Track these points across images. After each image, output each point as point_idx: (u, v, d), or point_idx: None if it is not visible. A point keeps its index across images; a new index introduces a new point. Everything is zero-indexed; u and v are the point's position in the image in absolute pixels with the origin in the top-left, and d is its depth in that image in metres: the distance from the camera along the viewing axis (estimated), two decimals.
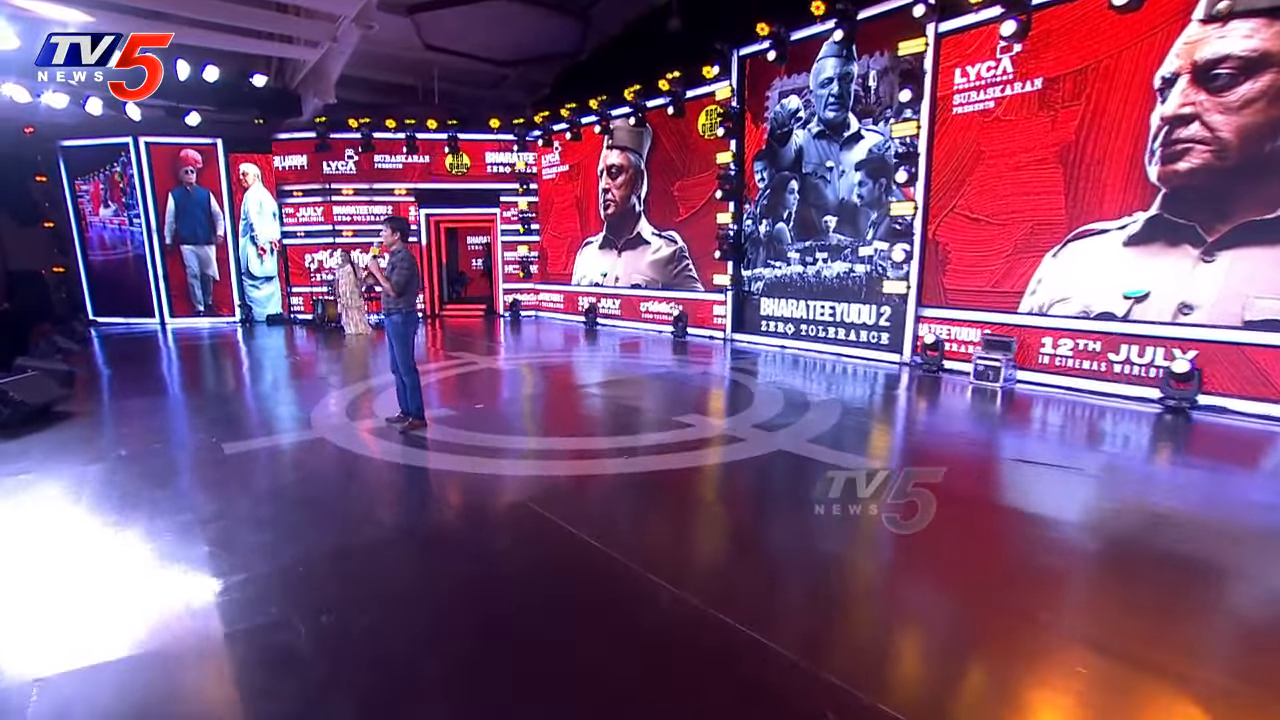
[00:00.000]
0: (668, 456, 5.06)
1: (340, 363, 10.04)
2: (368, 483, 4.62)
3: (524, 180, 15.16)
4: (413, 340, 5.69)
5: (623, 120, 13.02)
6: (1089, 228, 7.46)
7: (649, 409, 6.89)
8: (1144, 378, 7.07)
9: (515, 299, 15.40)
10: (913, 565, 3.40)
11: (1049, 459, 5.16)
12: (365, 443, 5.39)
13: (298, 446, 5.29)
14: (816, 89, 10.10)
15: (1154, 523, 3.85)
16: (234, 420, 6.27)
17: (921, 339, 8.71)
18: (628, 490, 4.47)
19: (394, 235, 5.62)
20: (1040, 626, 2.76)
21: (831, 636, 2.80)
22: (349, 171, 14.60)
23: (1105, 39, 7.12)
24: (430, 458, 5.02)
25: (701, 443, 5.40)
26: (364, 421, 6.02)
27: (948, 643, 2.73)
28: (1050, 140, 7.66)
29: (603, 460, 4.94)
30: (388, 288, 5.52)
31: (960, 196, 8.54)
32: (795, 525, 3.94)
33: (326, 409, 6.50)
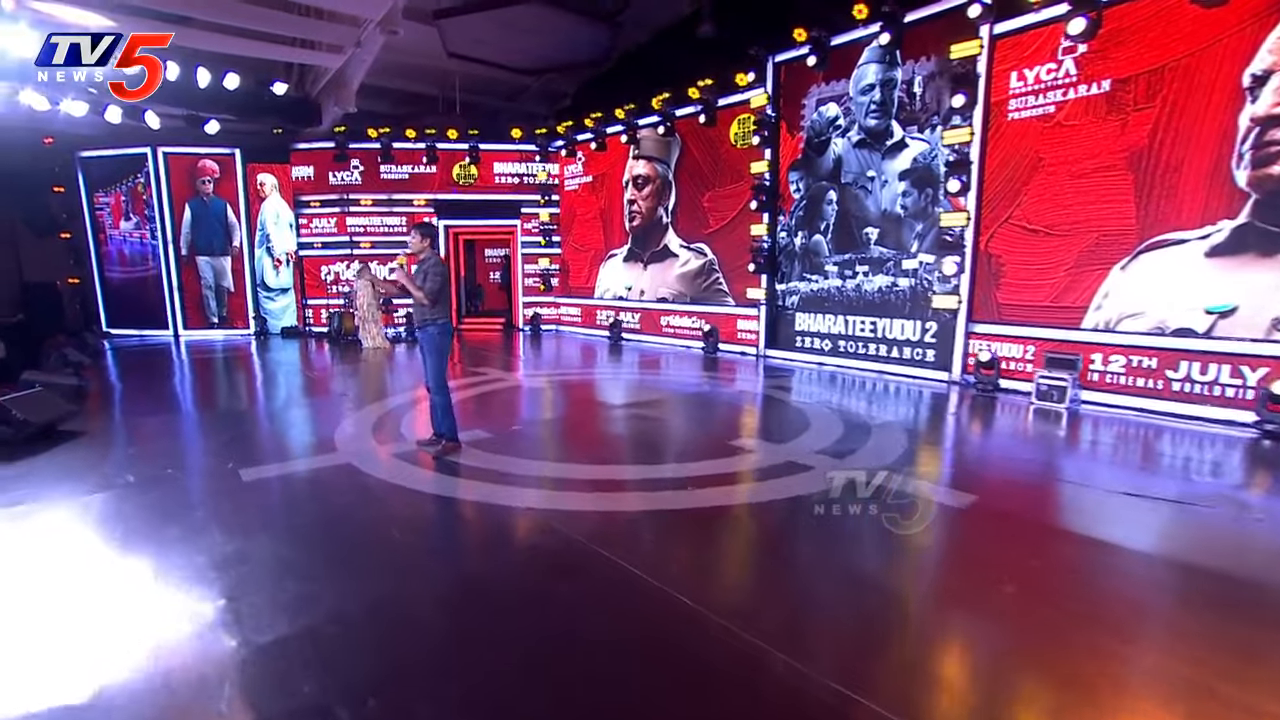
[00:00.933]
0: (734, 488, 4.51)
1: (359, 378, 9.55)
2: (404, 518, 4.09)
3: (546, 191, 14.75)
4: (448, 353, 5.20)
5: (650, 130, 12.61)
6: (1164, 238, 6.91)
7: (699, 432, 6.35)
8: (1233, 399, 6.48)
9: (536, 313, 14.93)
10: (1036, 617, 2.83)
11: (1158, 492, 4.58)
12: (395, 469, 4.87)
13: (322, 473, 4.77)
14: (857, 96, 9.64)
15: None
16: (251, 442, 5.77)
17: (975, 356, 8.14)
18: (700, 528, 3.92)
19: (423, 241, 5.15)
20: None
21: None
22: (354, 182, 14.17)
23: (1185, 36, 6.62)
24: (468, 487, 4.49)
25: (767, 471, 4.85)
26: (391, 445, 5.50)
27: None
28: (1119, 145, 7.13)
29: (663, 492, 4.40)
30: (420, 296, 5.04)
31: (1016, 206, 8.01)
32: (898, 570, 3.38)
33: (350, 430, 5.99)
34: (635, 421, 6.78)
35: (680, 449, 5.63)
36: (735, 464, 4.99)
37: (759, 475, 4.76)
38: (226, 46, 10.18)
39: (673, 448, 5.65)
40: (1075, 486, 4.80)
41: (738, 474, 4.78)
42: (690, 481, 4.52)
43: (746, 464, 4.99)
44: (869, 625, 2.87)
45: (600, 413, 7.19)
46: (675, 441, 5.91)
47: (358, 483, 4.57)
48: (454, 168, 14.43)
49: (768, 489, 4.50)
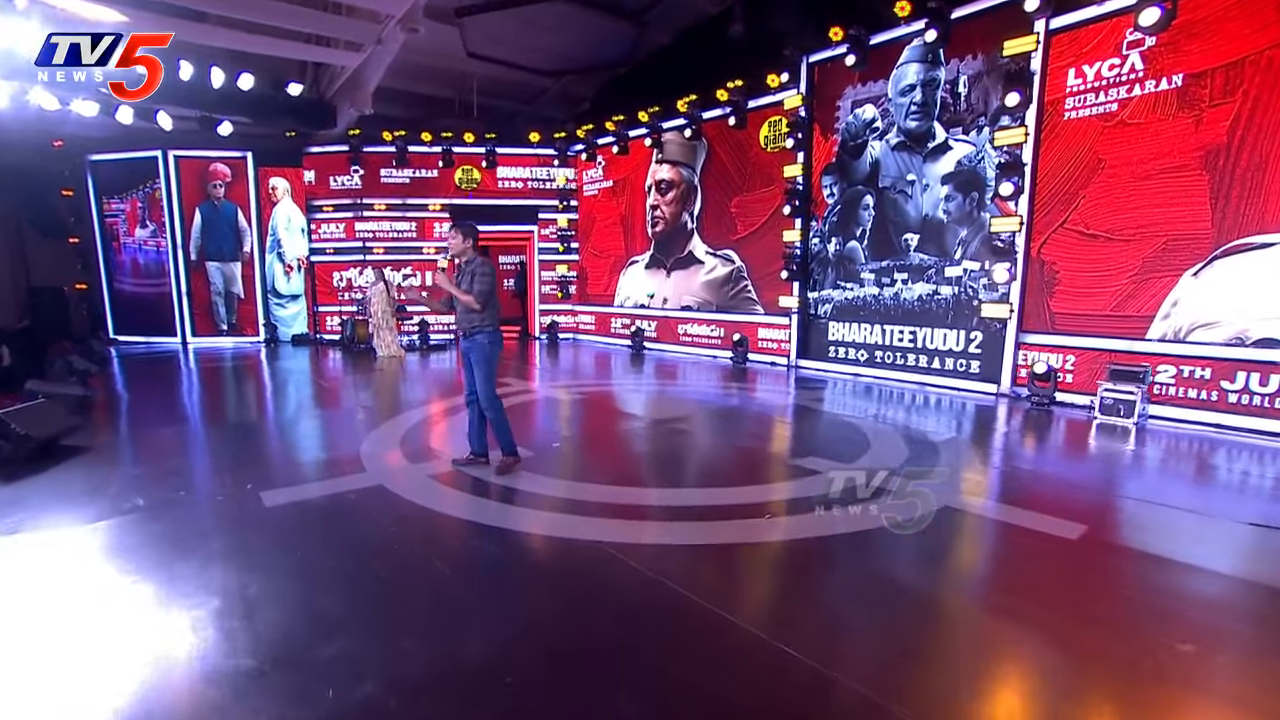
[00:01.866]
0: (815, 515, 4.01)
1: (377, 388, 9.06)
2: (454, 553, 3.58)
3: (564, 196, 14.31)
4: (497, 364, 4.71)
5: (674, 133, 12.17)
6: (1244, 242, 6.42)
7: (755, 449, 5.84)
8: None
9: (553, 321, 14.44)
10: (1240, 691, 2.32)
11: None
12: (432, 492, 4.37)
13: (352, 497, 4.27)
14: (896, 97, 9.19)
15: None
16: (271, 460, 5.27)
17: (1030, 368, 7.64)
18: (800, 565, 3.41)
19: (464, 241, 4.66)
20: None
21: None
22: (355, 186, 13.68)
23: (1269, 26, 6.16)
24: (522, 515, 3.98)
25: (845, 496, 4.34)
26: (424, 463, 5.00)
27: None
28: (1192, 144, 6.66)
29: (741, 522, 3.88)
30: (469, 301, 4.55)
31: (1072, 210, 7.54)
32: (1052, 619, 2.87)
33: (375, 445, 5.48)
34: (684, 437, 6.28)
35: (741, 469, 5.10)
36: (806, 487, 4.49)
37: (838, 500, 4.25)
38: (242, 44, 9.76)
39: (733, 468, 5.13)
40: (1194, 515, 4.28)
41: (813, 498, 4.27)
42: (767, 509, 4.01)
43: (817, 487, 4.48)
44: (1062, 710, 2.36)
45: (643, 428, 6.65)
46: (732, 461, 5.39)
47: (393, 509, 4.06)
48: (456, 172, 13.91)
49: (853, 517, 3.99)
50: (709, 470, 5.18)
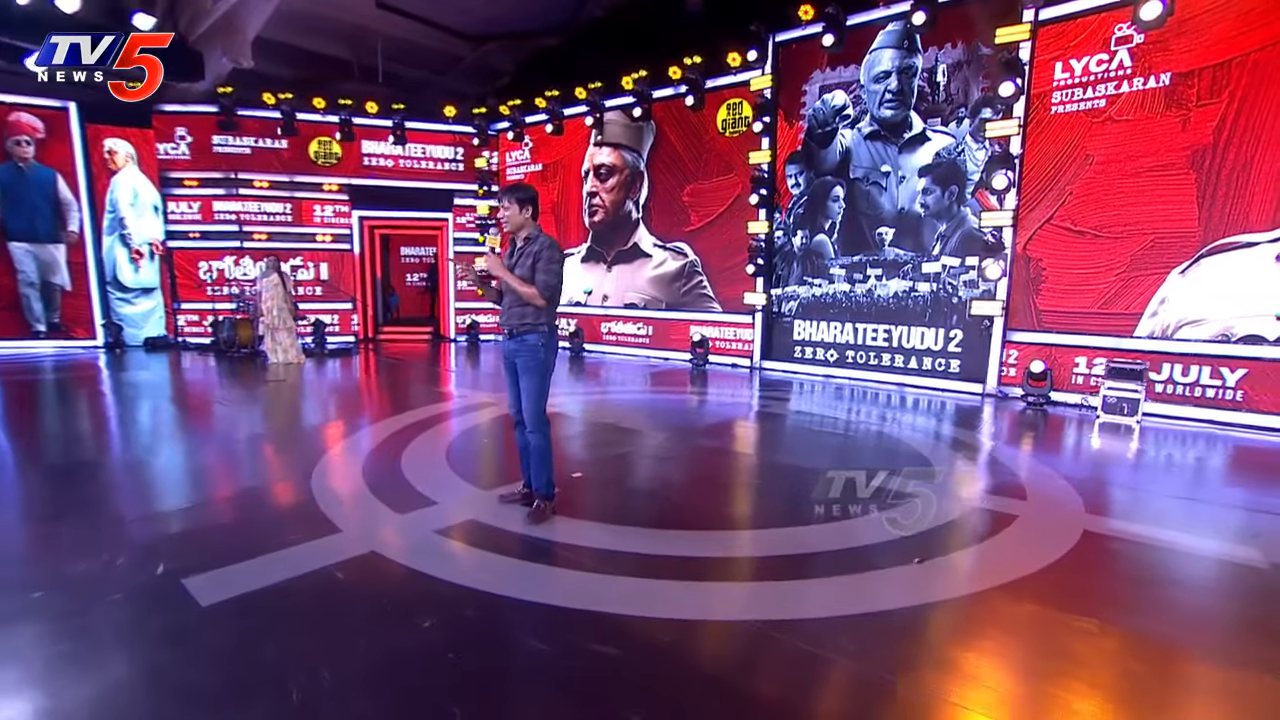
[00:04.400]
0: (970, 554, 3.25)
1: (289, 406, 7.25)
2: (566, 671, 2.40)
3: (484, 180, 12.80)
4: (551, 375, 3.53)
5: (618, 113, 11.18)
6: (1230, 240, 6.60)
7: (815, 470, 4.99)
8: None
9: (474, 321, 12.87)
10: None
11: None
12: (462, 560, 3.10)
13: (339, 575, 2.91)
14: (869, 84, 8.85)
15: None
16: (180, 522, 3.65)
17: (1026, 367, 7.52)
18: (1014, 633, 2.60)
19: (523, 212, 3.47)
20: None
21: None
22: (181, 156, 11.33)
23: (1256, 29, 6.33)
24: (615, 587, 2.85)
25: (985, 529, 3.64)
26: (419, 512, 3.67)
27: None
28: (1180, 143, 6.77)
29: (887, 573, 3.03)
30: (531, 293, 3.36)
31: (1060, 206, 7.51)
32: None
33: (335, 489, 4.04)
34: (717, 457, 5.33)
35: (820, 497, 4.23)
36: (932, 517, 3.73)
37: (977, 534, 3.54)
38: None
39: (808, 496, 4.24)
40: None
41: (950, 534, 3.52)
42: (917, 555, 3.19)
43: (934, 515, 3.75)
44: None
45: (665, 447, 5.49)
46: (798, 486, 4.50)
47: (412, 592, 2.77)
48: (312, 144, 11.86)
49: (1011, 552, 3.28)
50: (784, 499, 4.28)
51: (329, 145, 11.86)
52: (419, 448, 5.01)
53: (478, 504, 3.79)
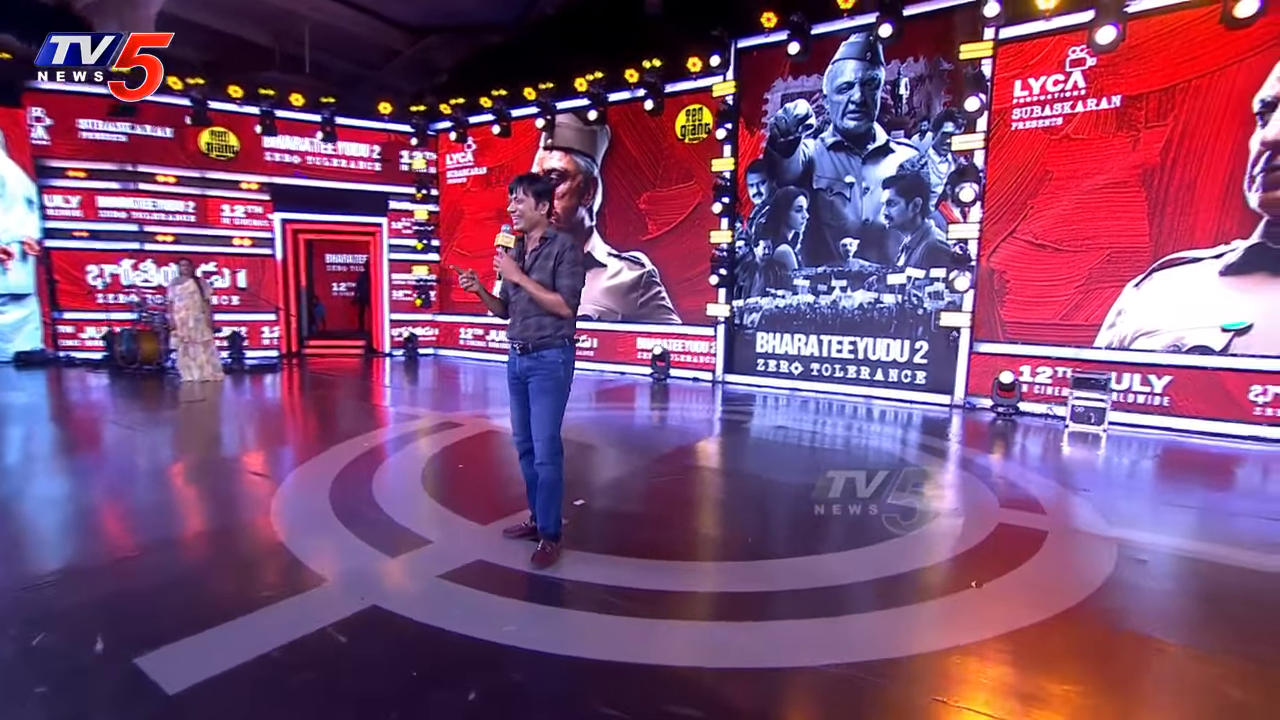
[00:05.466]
0: (1027, 576, 3.15)
1: (214, 428, 6.46)
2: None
3: (423, 183, 12.18)
4: (568, 397, 3.18)
5: (569, 116, 10.92)
6: (1178, 256, 7.07)
7: (807, 485, 4.86)
8: (1254, 415, 6.69)
9: (412, 334, 12.14)
10: None
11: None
12: (487, 610, 2.71)
13: (341, 638, 2.45)
14: (832, 94, 9.01)
15: None
16: (118, 581, 3.00)
17: (996, 379, 7.76)
18: (1103, 653, 2.49)
19: (539, 207, 3.11)
20: None
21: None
22: (40, 141, 9.96)
23: (1197, 58, 6.83)
24: (675, 636, 2.54)
25: (1017, 549, 3.57)
26: (414, 553, 3.23)
27: None
28: (1131, 162, 7.21)
29: (948, 601, 2.88)
30: (553, 301, 3.01)
31: (1021, 220, 7.85)
32: None
33: (308, 531, 3.51)
34: (714, 478, 5.10)
35: (835, 520, 4.07)
36: (977, 540, 3.64)
37: (1017, 553, 3.47)
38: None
39: (824, 518, 4.07)
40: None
41: (992, 553, 3.44)
42: (975, 579, 3.07)
43: (963, 534, 3.67)
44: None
45: (655, 469, 5.14)
46: (807, 508, 4.34)
47: (431, 653, 2.36)
48: (203, 135, 10.71)
49: (1075, 578, 3.21)
50: (786, 525, 4.11)
51: (224, 138, 10.82)
52: (389, 475, 4.51)
53: (479, 541, 3.39)
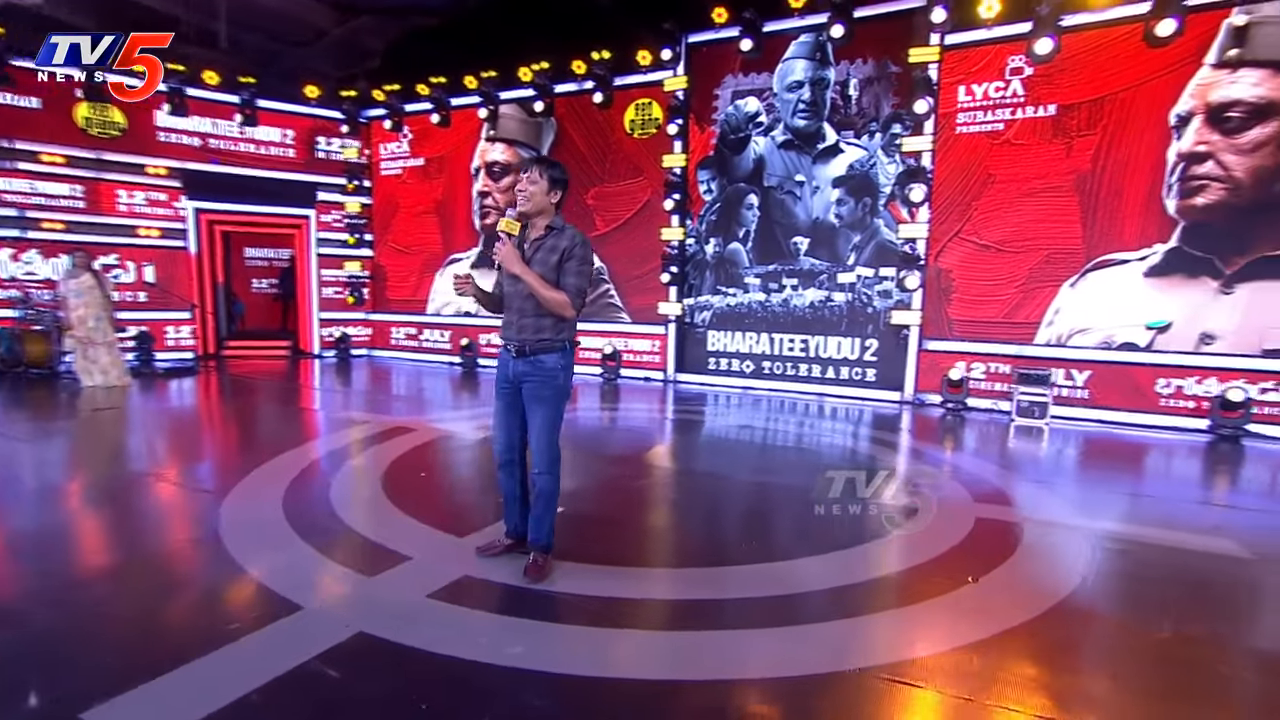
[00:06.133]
0: (1016, 566, 3.25)
1: (129, 439, 5.87)
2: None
3: (354, 174, 11.59)
4: (567, 401, 3.02)
5: (514, 107, 10.65)
6: (1108, 258, 7.57)
7: (799, 486, 4.87)
8: (1178, 409, 7.25)
9: (344, 334, 11.52)
10: None
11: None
12: (474, 629, 2.54)
13: (332, 673, 2.22)
14: (783, 93, 9.17)
15: None
16: (49, 617, 2.63)
17: (946, 375, 8.09)
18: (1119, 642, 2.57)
19: (550, 194, 2.92)
20: None
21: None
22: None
23: (1122, 72, 7.32)
24: (655, 649, 2.46)
25: (1006, 540, 3.69)
26: (392, 572, 3.00)
27: None
28: (1065, 168, 7.67)
29: (952, 599, 2.93)
30: (558, 300, 2.83)
31: (966, 221, 8.22)
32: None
33: (271, 549, 3.20)
34: (689, 481, 5.05)
35: (820, 518, 4.09)
36: (961, 535, 3.73)
37: (1006, 545, 3.58)
38: None
39: (811, 518, 4.08)
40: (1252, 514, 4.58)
41: (981, 546, 3.54)
42: (971, 575, 3.14)
43: (957, 533, 3.77)
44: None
45: (627, 474, 5.02)
46: (798, 509, 4.35)
47: (434, 683, 2.17)
48: (80, 109, 9.60)
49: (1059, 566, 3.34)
50: (767, 525, 4.11)
51: (105, 112, 9.85)
52: (347, 486, 4.22)
53: (461, 555, 3.20)
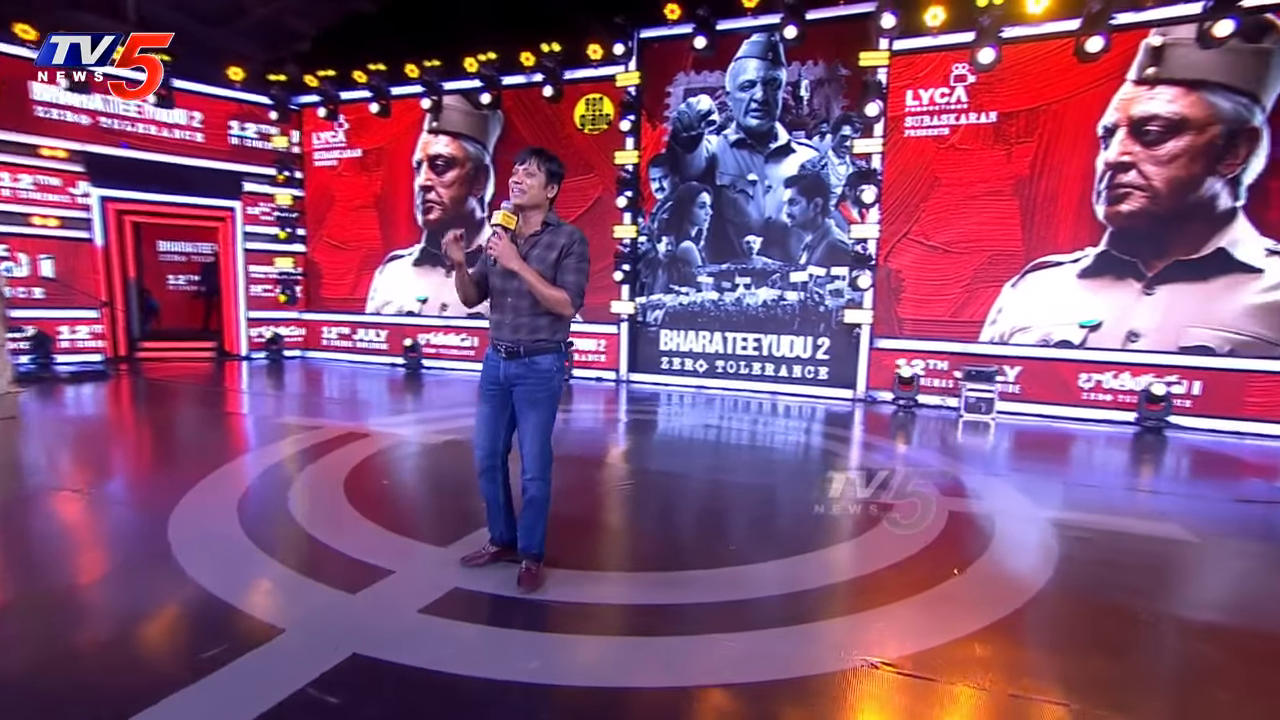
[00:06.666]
0: (989, 561, 3.38)
1: (33, 452, 5.35)
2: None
3: (285, 164, 11.00)
4: (558, 403, 2.94)
5: (458, 99, 10.37)
6: (1046, 259, 8.04)
7: (767, 484, 4.92)
8: (1103, 402, 7.79)
9: (276, 334, 10.91)
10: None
11: (1269, 495, 4.99)
12: (477, 644, 2.44)
13: (334, 699, 2.07)
14: (735, 91, 9.30)
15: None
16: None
17: (897, 373, 8.39)
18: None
19: (547, 188, 2.84)
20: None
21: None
22: None
23: (1056, 83, 7.79)
24: (674, 653, 2.43)
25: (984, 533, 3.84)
26: (375, 588, 2.84)
27: None
28: (1006, 173, 8.10)
29: (940, 592, 3.02)
30: (557, 298, 2.75)
31: (914, 223, 8.56)
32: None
33: (234, 568, 2.96)
34: (682, 484, 5.01)
35: (797, 519, 4.16)
36: (939, 529, 3.85)
37: (1000, 542, 3.72)
38: None
39: (782, 518, 4.15)
40: (1201, 500, 4.94)
41: (969, 543, 3.67)
42: (955, 566, 3.25)
43: (935, 526, 3.90)
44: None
45: (610, 475, 4.97)
46: (766, 508, 4.42)
47: (448, 705, 2.07)
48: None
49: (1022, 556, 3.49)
50: (766, 530, 4.16)
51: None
52: (307, 497, 3.99)
53: (446, 567, 3.08)
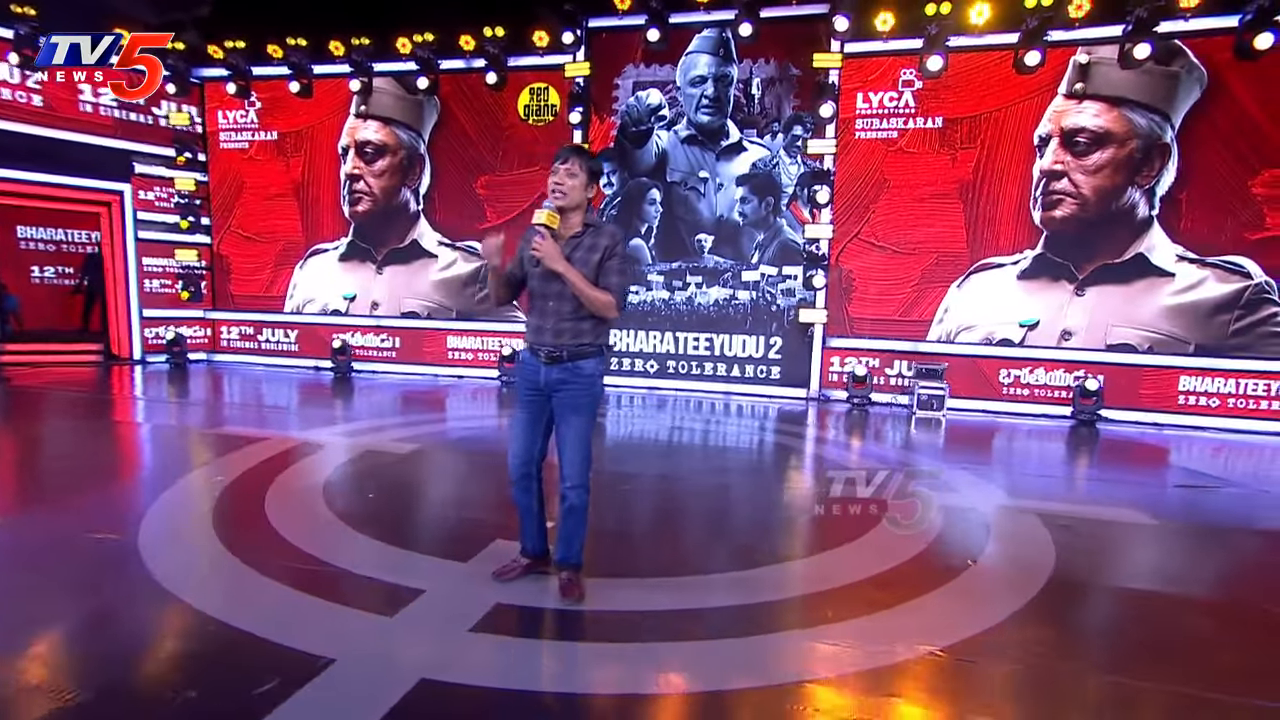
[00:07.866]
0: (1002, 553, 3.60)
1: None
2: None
3: (185, 144, 10.15)
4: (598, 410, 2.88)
5: (390, 81, 9.95)
6: (988, 261, 8.66)
7: (762, 486, 4.99)
8: (1041, 397, 8.49)
9: (179, 335, 10.02)
10: None
11: (1198, 481, 5.56)
12: (545, 660, 2.35)
13: None
14: (686, 86, 9.43)
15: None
16: None
17: (851, 372, 8.78)
18: None
19: (588, 188, 2.75)
20: None
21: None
22: None
23: (996, 93, 8.39)
24: (749, 654, 2.43)
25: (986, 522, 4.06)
26: (416, 604, 2.67)
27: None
28: (951, 177, 8.65)
29: (958, 587, 3.19)
30: (603, 301, 2.68)
31: (864, 224, 8.99)
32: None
33: (257, 599, 2.69)
34: (678, 486, 4.98)
35: (812, 520, 4.26)
36: (939, 524, 4.05)
37: (998, 534, 3.95)
38: None
39: (793, 519, 4.23)
40: (1142, 488, 5.45)
41: (971, 536, 3.89)
42: (969, 558, 3.45)
43: (935, 521, 4.11)
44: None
45: (612, 480, 4.89)
46: (767, 512, 4.49)
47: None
48: None
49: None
50: (768, 531, 4.24)
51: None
52: (290, 515, 3.69)
53: (478, 582, 2.95)
